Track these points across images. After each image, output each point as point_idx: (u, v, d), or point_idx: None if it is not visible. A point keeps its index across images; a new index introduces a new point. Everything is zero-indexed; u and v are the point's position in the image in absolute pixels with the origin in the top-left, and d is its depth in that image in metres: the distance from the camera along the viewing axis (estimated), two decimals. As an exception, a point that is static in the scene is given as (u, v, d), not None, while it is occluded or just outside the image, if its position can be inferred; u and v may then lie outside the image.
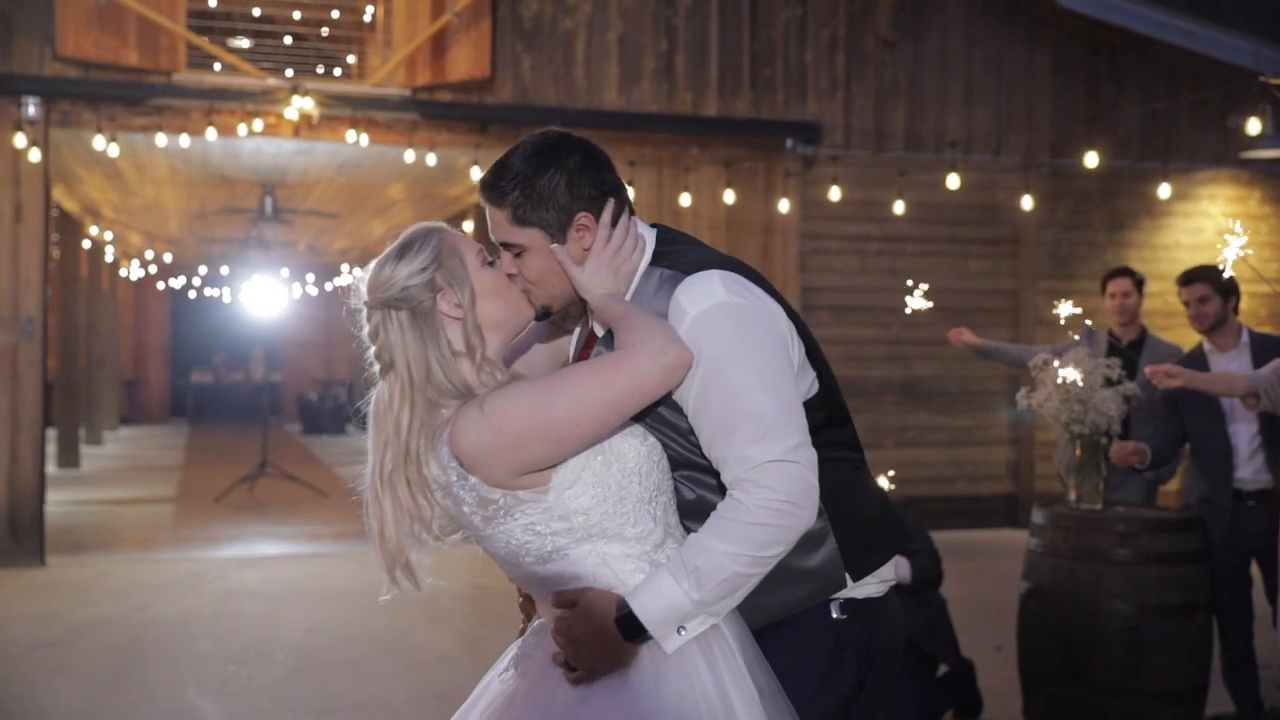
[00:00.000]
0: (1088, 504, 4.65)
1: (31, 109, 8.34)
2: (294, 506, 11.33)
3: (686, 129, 9.61)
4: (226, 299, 21.39)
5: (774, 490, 1.97)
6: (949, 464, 10.29)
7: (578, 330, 2.40)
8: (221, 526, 10.21)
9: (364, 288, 2.14)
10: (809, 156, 9.88)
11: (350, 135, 8.91)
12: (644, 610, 1.97)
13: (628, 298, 2.16)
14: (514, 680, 2.15)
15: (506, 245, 2.17)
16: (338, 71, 14.03)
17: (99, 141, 8.50)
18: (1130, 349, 5.85)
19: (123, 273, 19.88)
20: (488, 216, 2.19)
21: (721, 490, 2.06)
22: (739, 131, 9.73)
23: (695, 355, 2.01)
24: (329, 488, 12.33)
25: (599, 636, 1.98)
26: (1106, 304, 6.07)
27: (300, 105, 8.72)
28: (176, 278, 21.85)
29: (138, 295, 22.91)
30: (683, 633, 1.99)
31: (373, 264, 2.16)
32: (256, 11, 13.60)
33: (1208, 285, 4.98)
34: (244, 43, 14.06)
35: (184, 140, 8.78)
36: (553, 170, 2.12)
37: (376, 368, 2.14)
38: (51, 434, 14.40)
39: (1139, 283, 6.09)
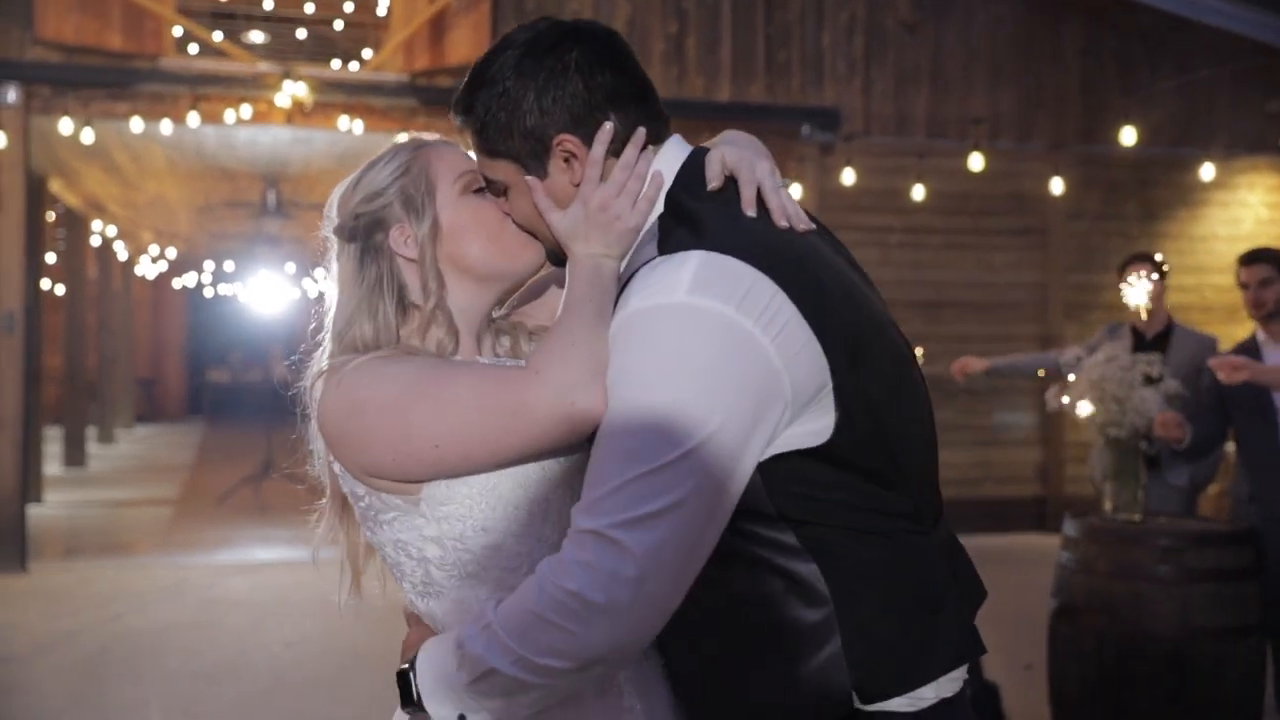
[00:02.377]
0: (1125, 514, 4.21)
1: (11, 95, 8.00)
2: (299, 509, 10.94)
3: (698, 115, 9.18)
4: (242, 297, 21.26)
5: (572, 574, 1.33)
6: (975, 465, 9.82)
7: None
8: (220, 530, 9.87)
9: (332, 208, 1.70)
10: (826, 143, 9.44)
11: (343, 121, 8.53)
12: (422, 672, 1.46)
13: (625, 262, 1.56)
14: None
15: (489, 182, 1.65)
16: (354, 66, 13.76)
17: (66, 124, 8.12)
18: (1157, 343, 5.40)
19: (138, 271, 19.70)
20: None
21: None
22: (753, 117, 9.29)
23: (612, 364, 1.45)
24: (334, 489, 11.96)
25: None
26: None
27: (293, 91, 8.36)
28: (185, 274, 21.70)
29: (155, 294, 22.79)
30: None
31: None
32: (269, 4, 13.32)
33: (1271, 267, 4.54)
34: (258, 38, 13.79)
35: (166, 127, 8.40)
36: (527, 78, 1.53)
37: None
38: (58, 433, 14.24)
39: (1160, 270, 5.59)
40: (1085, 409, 4.15)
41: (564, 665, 1.35)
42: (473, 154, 1.67)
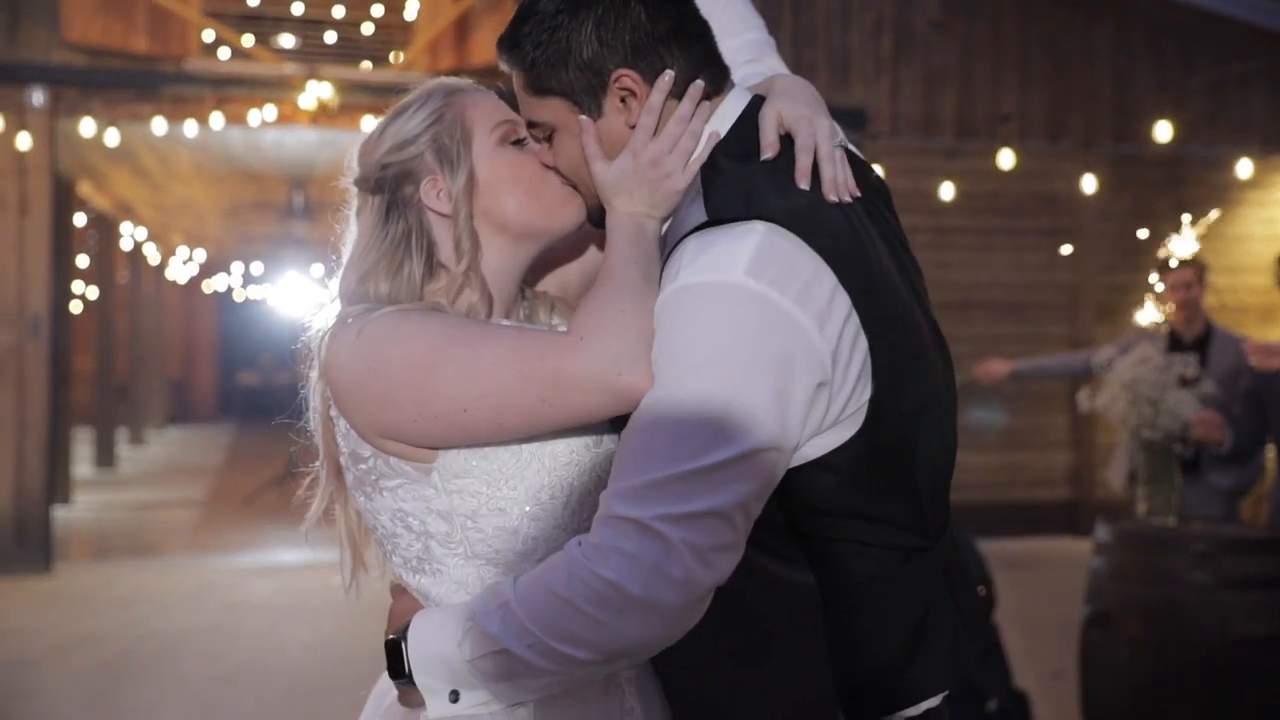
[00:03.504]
0: (1159, 518, 4.10)
1: (37, 98, 8.01)
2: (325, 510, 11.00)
3: (724, 115, 9.12)
4: (272, 300, 21.41)
5: (610, 562, 1.26)
6: (1004, 469, 9.69)
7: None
8: (244, 531, 9.89)
9: (354, 158, 1.59)
10: (854, 143, 9.33)
11: (368, 123, 8.51)
12: (415, 642, 1.38)
13: (666, 226, 1.49)
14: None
15: (532, 126, 1.53)
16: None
17: (88, 125, 8.13)
18: (1196, 347, 5.25)
19: (169, 275, 19.85)
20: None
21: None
22: (779, 117, 9.20)
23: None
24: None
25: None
26: (1165, 297, 5.44)
27: (317, 93, 8.35)
28: (218, 276, 21.86)
29: (186, 297, 22.99)
30: (456, 702, 1.36)
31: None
32: (298, 9, 13.36)
33: None
34: (287, 42, 13.85)
35: (191, 128, 8.40)
36: (585, 6, 1.43)
37: None
38: (89, 435, 14.34)
39: (1201, 273, 5.44)
40: (1117, 410, 4.04)
41: (586, 655, 1.29)
42: (512, 100, 1.58)
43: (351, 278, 1.52)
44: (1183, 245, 4.56)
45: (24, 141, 7.89)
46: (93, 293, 14.89)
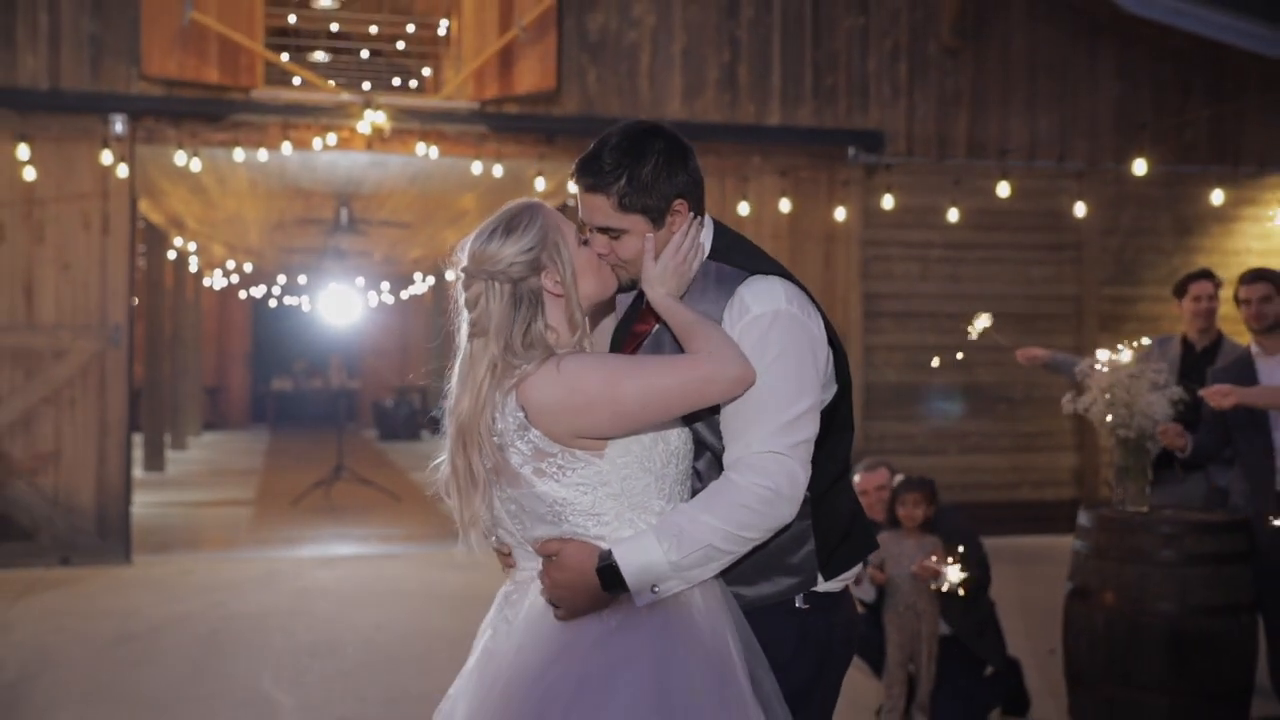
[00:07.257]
0: (1133, 506, 4.70)
1: (119, 126, 8.72)
2: (368, 510, 11.65)
3: (749, 138, 9.74)
4: (306, 308, 21.87)
5: (767, 477, 2.17)
6: (1012, 470, 10.29)
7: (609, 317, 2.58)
8: (298, 528, 10.53)
9: (465, 257, 2.28)
10: (871, 164, 9.96)
11: (420, 148, 9.17)
12: (625, 562, 2.14)
13: (682, 295, 2.33)
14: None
15: (605, 229, 2.32)
16: (414, 84, 14.37)
17: (180, 157, 8.88)
18: (1206, 354, 5.75)
19: (206, 282, 20.45)
20: (581, 202, 2.34)
21: None
22: (801, 140, 9.83)
23: (744, 348, 2.22)
24: (402, 492, 12.65)
25: (578, 583, 2.16)
26: (1186, 307, 5.84)
27: (373, 119, 9.01)
28: (256, 286, 22.40)
29: (220, 304, 23.54)
30: (655, 591, 2.14)
31: (475, 234, 2.29)
32: (334, 27, 14.03)
33: (1270, 285, 5.02)
34: (322, 57, 14.48)
35: (262, 154, 9.12)
36: (653, 159, 2.28)
37: (465, 330, 2.29)
38: (138, 439, 14.97)
39: (1218, 286, 5.90)
40: (1096, 411, 4.64)
41: (757, 536, 2.19)
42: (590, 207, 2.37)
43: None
44: None
45: (122, 171, 8.65)
46: (134, 301, 15.45)
